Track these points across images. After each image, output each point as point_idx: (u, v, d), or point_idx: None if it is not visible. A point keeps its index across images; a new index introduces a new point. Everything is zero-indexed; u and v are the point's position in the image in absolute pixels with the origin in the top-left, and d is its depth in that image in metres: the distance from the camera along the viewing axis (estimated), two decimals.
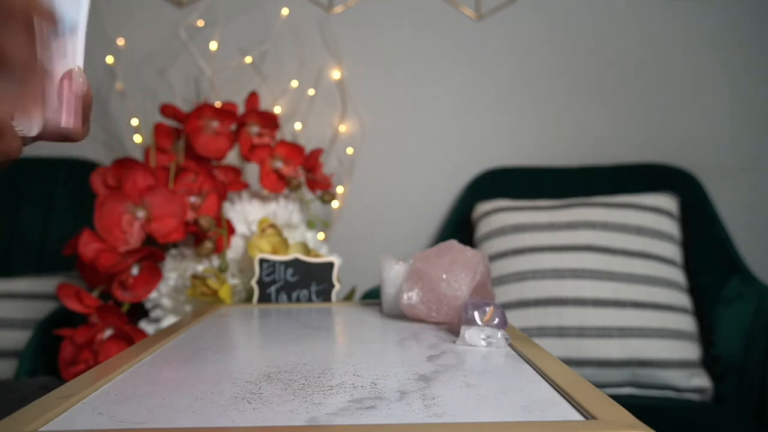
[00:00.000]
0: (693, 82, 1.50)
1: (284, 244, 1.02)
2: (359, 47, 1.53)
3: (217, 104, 1.18)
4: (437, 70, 1.53)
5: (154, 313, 1.05)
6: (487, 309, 0.54)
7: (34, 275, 1.34)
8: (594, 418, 0.33)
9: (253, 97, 1.20)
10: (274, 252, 1.00)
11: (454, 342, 0.54)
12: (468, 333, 0.53)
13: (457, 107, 1.54)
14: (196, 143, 1.10)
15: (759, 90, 1.49)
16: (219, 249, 1.04)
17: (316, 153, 1.21)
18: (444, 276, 0.63)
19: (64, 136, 0.39)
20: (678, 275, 1.22)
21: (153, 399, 0.39)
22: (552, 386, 0.40)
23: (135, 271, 1.01)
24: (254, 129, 1.16)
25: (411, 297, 0.64)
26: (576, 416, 0.34)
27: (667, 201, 1.30)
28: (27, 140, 0.38)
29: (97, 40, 1.51)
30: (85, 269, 1.01)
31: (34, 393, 0.59)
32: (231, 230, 1.07)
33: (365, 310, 0.75)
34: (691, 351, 1.13)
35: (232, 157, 1.33)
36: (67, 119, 0.38)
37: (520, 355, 0.49)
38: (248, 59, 1.44)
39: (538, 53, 1.52)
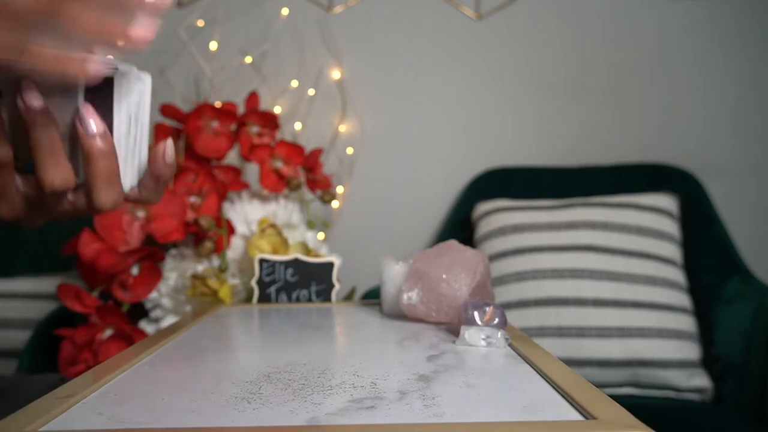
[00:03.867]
0: (693, 82, 1.50)
1: (284, 244, 1.02)
2: (359, 47, 1.53)
3: (217, 104, 1.18)
4: (437, 70, 1.53)
5: (154, 313, 1.05)
6: (487, 309, 0.54)
7: (34, 275, 1.34)
8: (594, 418, 0.33)
9: (253, 97, 1.20)
10: (274, 252, 1.00)
11: (454, 342, 0.54)
12: (468, 333, 0.53)
13: (457, 107, 1.54)
14: (196, 143, 1.10)
15: (759, 90, 1.49)
16: (219, 249, 1.04)
17: (316, 153, 1.21)
18: (444, 276, 0.63)
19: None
20: (678, 275, 1.22)
21: (153, 399, 0.39)
22: (552, 386, 0.40)
23: (135, 271, 1.01)
24: (254, 129, 1.16)
25: (411, 297, 0.64)
26: (576, 416, 0.34)
27: (667, 201, 1.30)
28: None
29: None
30: (85, 269, 1.01)
31: (43, 393, 0.59)
32: (231, 230, 1.07)
33: (365, 310, 0.75)
34: (691, 351, 1.13)
35: (232, 157, 1.33)
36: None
37: (520, 355, 0.49)
38: (248, 59, 1.44)
39: (538, 53, 1.52)
